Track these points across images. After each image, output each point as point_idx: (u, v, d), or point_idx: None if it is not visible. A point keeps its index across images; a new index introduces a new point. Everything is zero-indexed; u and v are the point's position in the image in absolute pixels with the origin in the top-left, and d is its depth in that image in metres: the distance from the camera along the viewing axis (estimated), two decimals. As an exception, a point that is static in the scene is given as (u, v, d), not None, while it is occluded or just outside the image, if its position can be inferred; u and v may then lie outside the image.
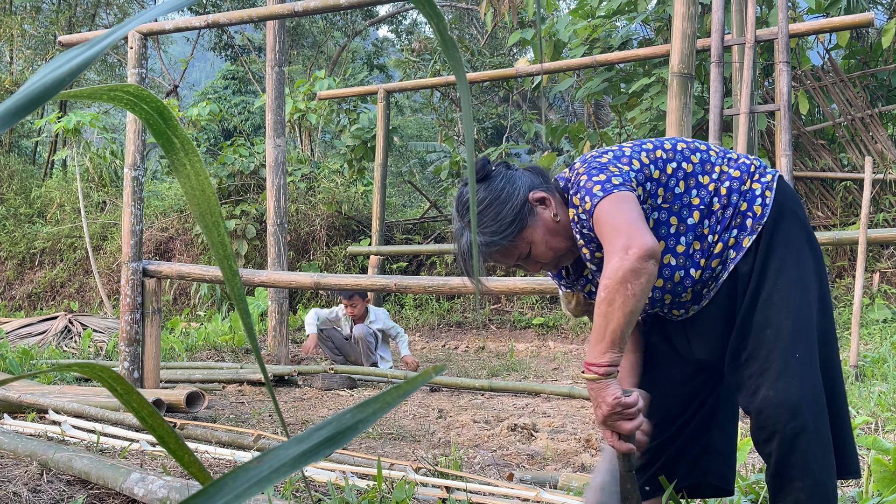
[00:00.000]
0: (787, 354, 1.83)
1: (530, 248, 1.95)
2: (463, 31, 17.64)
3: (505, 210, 1.91)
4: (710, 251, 1.90)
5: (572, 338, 8.64)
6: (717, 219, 1.90)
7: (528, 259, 1.98)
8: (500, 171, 1.97)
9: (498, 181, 1.94)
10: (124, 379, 0.62)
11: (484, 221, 1.91)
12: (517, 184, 1.95)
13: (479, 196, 1.92)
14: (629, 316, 1.73)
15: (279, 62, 7.05)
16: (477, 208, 1.88)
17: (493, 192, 1.92)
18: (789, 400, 1.80)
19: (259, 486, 0.49)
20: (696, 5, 3.98)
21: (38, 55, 15.33)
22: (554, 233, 1.95)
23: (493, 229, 1.91)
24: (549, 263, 2.00)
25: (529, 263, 2.00)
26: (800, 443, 1.79)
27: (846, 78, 8.81)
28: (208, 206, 0.65)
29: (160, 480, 2.68)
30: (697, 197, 1.91)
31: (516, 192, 1.93)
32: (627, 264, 1.71)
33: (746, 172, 1.95)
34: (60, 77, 0.54)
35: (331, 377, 5.81)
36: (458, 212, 1.99)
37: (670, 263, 1.90)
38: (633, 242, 1.72)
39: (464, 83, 0.63)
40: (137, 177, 4.94)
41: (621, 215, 1.78)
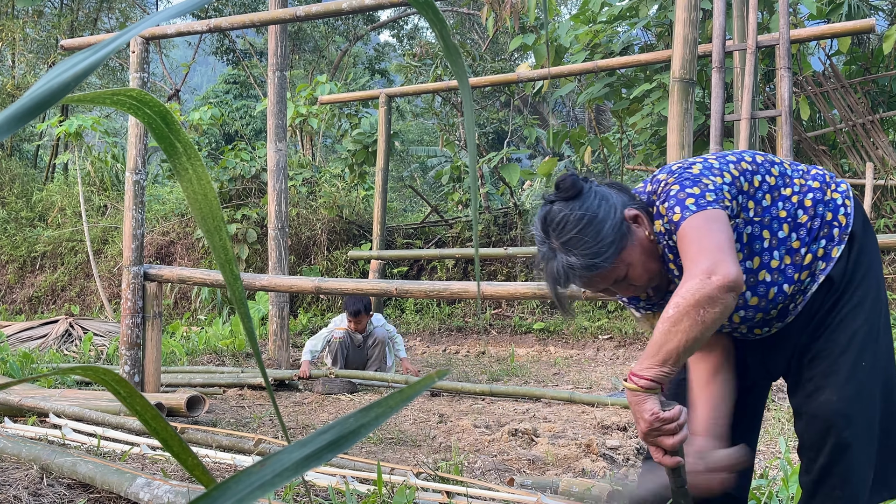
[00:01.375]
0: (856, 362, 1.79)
1: (627, 271, 1.82)
2: (464, 36, 17.66)
3: (605, 229, 1.77)
4: (801, 263, 1.84)
5: (573, 343, 8.63)
6: (806, 230, 1.84)
7: (623, 282, 1.85)
8: (590, 188, 1.83)
9: (592, 198, 1.81)
10: (127, 382, 0.62)
11: (584, 242, 1.76)
12: (612, 200, 1.82)
13: (575, 214, 1.77)
14: (691, 342, 1.64)
15: (281, 66, 7.06)
16: (574, 229, 1.76)
17: (590, 210, 1.78)
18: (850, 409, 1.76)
19: (262, 490, 0.49)
20: (698, 11, 3.98)
21: (40, 59, 15.35)
22: (649, 253, 1.84)
23: (594, 250, 1.76)
24: (641, 287, 1.89)
25: (621, 287, 1.87)
26: (850, 453, 1.76)
27: (847, 84, 8.82)
28: (210, 210, 0.65)
29: (166, 486, 2.67)
30: (784, 210, 1.85)
31: (613, 210, 1.80)
32: (706, 290, 1.61)
33: (824, 182, 1.90)
34: (66, 81, 0.54)
35: (331, 381, 5.81)
36: (546, 232, 1.82)
37: (765, 280, 1.83)
38: (717, 268, 1.63)
39: (466, 88, 0.63)
40: (139, 181, 4.95)
41: (711, 236, 1.68)
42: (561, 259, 1.79)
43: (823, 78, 9.01)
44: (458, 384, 5.63)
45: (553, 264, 1.80)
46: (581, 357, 7.82)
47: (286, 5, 7.24)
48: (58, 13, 15.57)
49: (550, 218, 1.81)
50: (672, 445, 1.70)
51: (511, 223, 10.57)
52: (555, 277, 1.81)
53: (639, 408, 1.70)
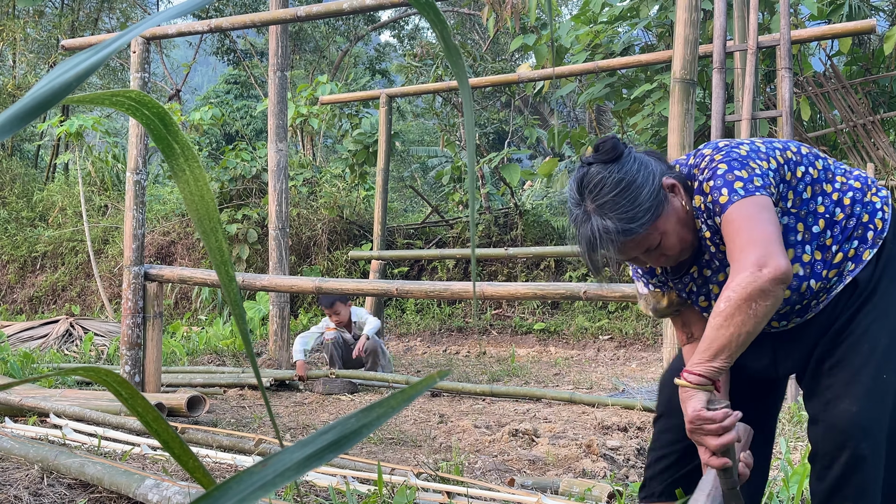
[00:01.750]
0: (877, 374, 1.76)
1: (661, 239, 1.79)
2: (465, 37, 17.66)
3: (643, 195, 1.74)
4: (831, 261, 1.81)
5: (573, 343, 8.63)
6: (841, 229, 1.81)
7: (655, 251, 1.81)
8: (630, 153, 1.80)
9: (631, 163, 1.77)
10: (129, 383, 0.62)
11: (620, 205, 1.73)
12: (651, 167, 1.79)
13: (613, 177, 1.74)
14: (744, 336, 1.62)
15: (281, 67, 7.06)
16: (611, 192, 1.73)
17: (629, 174, 1.75)
18: (868, 422, 1.73)
19: (263, 490, 0.49)
20: (699, 11, 3.98)
21: (40, 59, 15.36)
22: (684, 223, 1.81)
23: (630, 215, 1.73)
24: (673, 257, 1.85)
25: (653, 256, 1.83)
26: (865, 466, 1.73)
27: (848, 84, 8.82)
28: (207, 211, 0.65)
29: (175, 487, 2.67)
30: (822, 205, 1.82)
31: (651, 176, 1.77)
32: (759, 283, 1.59)
33: (866, 184, 1.88)
34: (67, 82, 0.54)
35: (332, 382, 5.81)
36: (581, 194, 1.77)
37: (798, 273, 1.80)
38: (769, 261, 1.60)
39: (467, 89, 0.63)
40: (140, 181, 4.95)
41: (761, 226, 1.65)
42: (595, 222, 1.75)
43: (824, 78, 9.01)
44: (459, 384, 5.63)
45: (587, 227, 1.76)
46: (581, 357, 7.82)
47: (287, 5, 7.24)
48: (59, 13, 15.58)
49: (587, 180, 1.77)
50: (715, 446, 1.66)
51: (512, 223, 10.58)
52: (589, 241, 1.77)
53: (685, 404, 1.68)
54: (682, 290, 1.97)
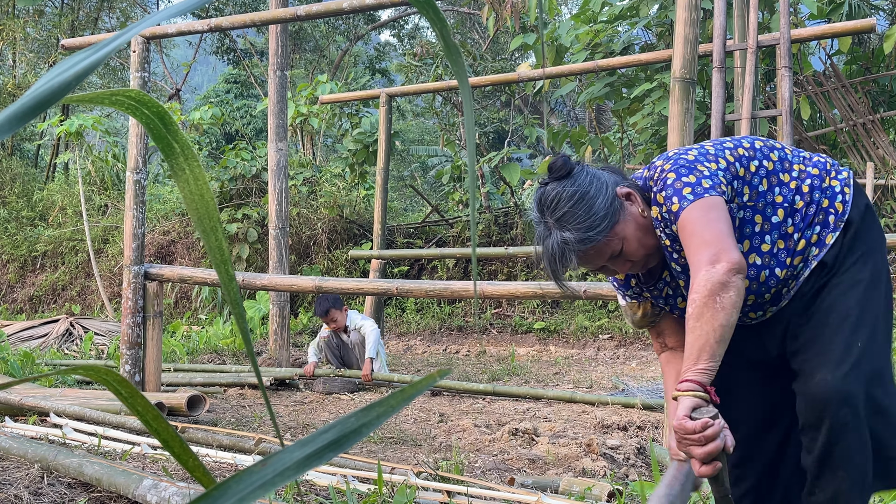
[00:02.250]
0: (850, 342, 1.79)
1: (622, 246, 1.86)
2: (465, 36, 17.66)
3: (597, 204, 1.83)
4: (794, 249, 1.87)
5: (573, 342, 8.63)
6: (801, 216, 1.87)
7: (619, 258, 1.89)
8: (582, 168, 1.89)
9: (583, 177, 1.87)
10: (129, 382, 0.62)
11: (576, 216, 1.82)
12: (603, 178, 1.88)
13: (567, 191, 1.83)
14: (720, 330, 1.66)
15: (281, 66, 7.06)
16: (567, 205, 1.82)
17: (582, 186, 1.84)
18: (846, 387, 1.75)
19: (263, 489, 0.49)
20: (698, 11, 3.98)
21: (40, 58, 15.36)
22: (644, 229, 1.88)
23: (586, 224, 1.82)
24: (638, 262, 1.92)
25: (618, 263, 1.91)
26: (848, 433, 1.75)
27: (848, 83, 8.81)
28: (206, 210, 0.65)
29: (173, 487, 2.67)
30: (780, 195, 1.88)
31: (604, 186, 1.86)
32: (715, 277, 1.66)
33: (824, 170, 1.93)
34: (67, 81, 0.54)
35: (332, 381, 5.81)
36: (542, 212, 1.88)
37: (756, 263, 1.86)
38: (721, 256, 1.68)
39: (467, 88, 0.63)
40: (140, 180, 4.95)
41: (710, 226, 1.73)
42: (556, 236, 1.84)
43: (824, 77, 9.00)
44: (460, 383, 5.63)
45: (549, 241, 1.86)
46: (581, 356, 7.82)
47: (287, 5, 7.24)
48: (58, 12, 15.58)
49: (544, 197, 1.87)
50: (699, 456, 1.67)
51: (511, 223, 10.58)
52: (551, 255, 1.85)
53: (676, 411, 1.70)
54: (658, 297, 2.02)
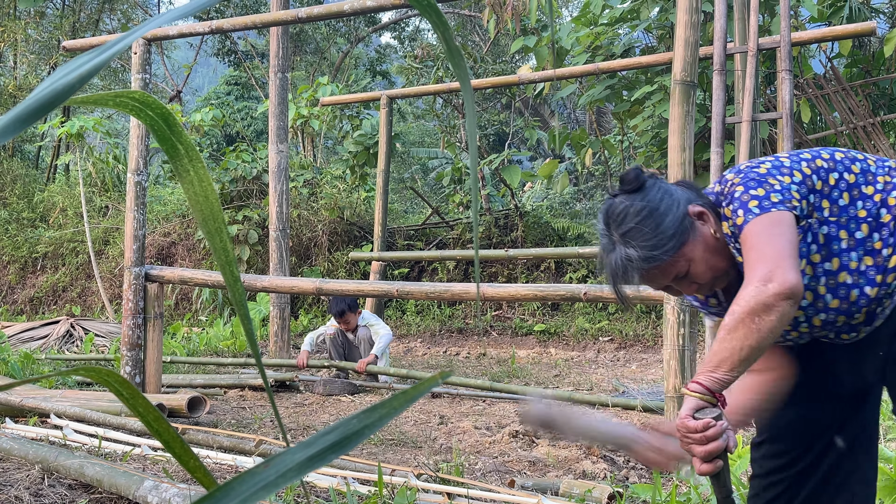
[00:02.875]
0: None
1: (689, 267, 1.78)
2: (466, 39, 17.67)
3: (666, 222, 1.74)
4: (885, 265, 1.75)
5: (574, 345, 8.63)
6: (890, 230, 1.75)
7: (684, 279, 1.80)
8: (654, 182, 1.81)
9: (654, 192, 1.78)
10: (130, 384, 0.62)
11: (643, 233, 1.74)
12: (675, 195, 1.79)
13: (635, 206, 1.76)
14: (747, 351, 1.61)
15: (282, 68, 7.07)
16: (634, 220, 1.75)
17: (652, 202, 1.76)
18: None
19: (265, 490, 0.49)
20: (699, 14, 3.98)
21: (41, 60, 15.37)
22: (714, 251, 1.79)
23: (652, 243, 1.73)
24: (705, 285, 1.83)
25: (683, 284, 1.82)
26: None
27: (848, 86, 8.82)
28: (211, 211, 0.66)
29: (174, 489, 2.67)
30: (864, 209, 1.77)
31: (675, 204, 1.77)
32: (762, 297, 1.58)
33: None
34: (70, 83, 0.55)
35: (332, 383, 5.81)
36: (608, 224, 1.79)
37: (845, 282, 1.76)
38: (775, 276, 1.59)
39: (469, 91, 0.63)
40: (140, 181, 4.95)
41: (772, 241, 1.65)
42: (620, 251, 1.76)
43: (824, 80, 9.01)
44: (461, 379, 5.64)
45: (612, 256, 1.77)
46: (582, 359, 7.82)
47: (288, 7, 7.25)
48: (60, 14, 15.59)
49: (612, 210, 1.79)
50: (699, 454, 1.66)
51: (512, 225, 10.58)
52: (613, 270, 1.78)
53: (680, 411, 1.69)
54: None
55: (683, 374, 3.84)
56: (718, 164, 4.75)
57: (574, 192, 15.82)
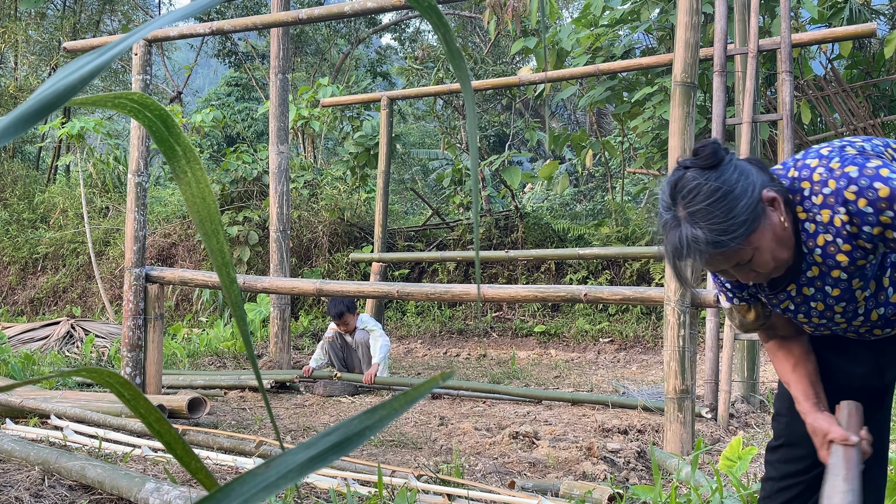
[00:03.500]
0: None
1: (753, 255, 1.68)
2: (466, 40, 17.68)
3: (739, 207, 1.63)
4: None
5: (574, 346, 8.63)
6: None
7: (745, 266, 1.71)
8: (731, 160, 1.69)
9: (731, 171, 1.66)
10: (131, 384, 0.62)
11: (713, 216, 1.62)
12: (752, 178, 1.67)
13: (709, 185, 1.64)
14: None
15: (283, 69, 7.07)
16: (706, 201, 1.63)
17: (727, 183, 1.64)
18: None
19: (266, 491, 0.49)
20: (699, 15, 3.98)
21: (42, 61, 15.37)
22: (780, 240, 1.69)
23: (723, 227, 1.62)
24: (764, 275, 1.75)
25: (742, 271, 1.73)
26: None
27: (848, 88, 8.82)
28: (208, 213, 0.66)
29: (175, 490, 2.67)
30: None
31: (751, 188, 1.65)
32: None
33: None
34: (72, 84, 0.55)
35: (332, 384, 5.81)
36: (674, 199, 1.67)
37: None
38: None
39: (469, 93, 0.63)
40: (141, 183, 4.96)
41: None
42: (685, 230, 1.65)
43: (825, 82, 9.01)
44: (461, 382, 5.64)
45: (675, 234, 1.66)
46: (582, 360, 7.82)
47: (288, 8, 7.25)
48: (60, 15, 15.60)
49: (682, 185, 1.67)
50: None
51: (512, 226, 10.58)
52: (676, 248, 1.67)
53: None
54: (776, 306, 1.89)
55: (683, 376, 3.84)
56: (719, 166, 4.75)
57: (574, 193, 15.83)
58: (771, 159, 8.56)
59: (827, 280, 1.76)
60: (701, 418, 4.43)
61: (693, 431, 3.86)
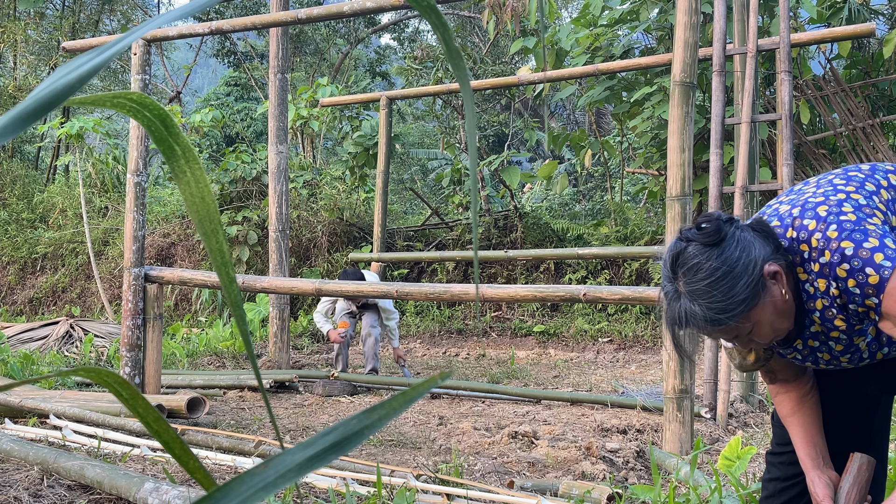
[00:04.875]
0: None
1: (752, 329, 1.70)
2: (465, 39, 17.68)
3: (739, 286, 1.63)
4: None
5: (573, 346, 8.63)
6: None
7: (745, 337, 1.73)
8: (734, 234, 1.68)
9: (732, 248, 1.65)
10: (130, 384, 0.62)
11: (712, 296, 1.63)
12: (753, 254, 1.66)
13: (710, 264, 1.64)
14: None
15: (282, 69, 7.07)
16: (706, 280, 1.64)
17: (728, 262, 1.64)
18: None
19: (265, 491, 0.49)
20: (698, 15, 3.99)
21: (41, 61, 15.36)
22: (780, 313, 1.70)
23: (721, 306, 1.63)
24: (763, 344, 1.77)
25: (742, 342, 1.76)
26: None
27: (847, 87, 8.82)
28: (207, 213, 0.66)
29: (174, 490, 2.67)
30: None
31: (752, 265, 1.65)
32: None
33: None
34: (70, 83, 0.55)
35: (332, 384, 5.81)
36: (674, 273, 1.69)
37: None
38: None
39: (468, 93, 0.63)
40: (140, 182, 4.95)
41: None
42: (684, 304, 1.67)
43: (824, 82, 9.01)
44: (460, 382, 5.64)
45: (675, 307, 1.69)
46: (581, 360, 7.82)
47: (287, 8, 7.25)
48: (59, 15, 15.59)
49: (682, 260, 1.69)
50: None
51: (511, 226, 10.58)
52: (674, 320, 1.70)
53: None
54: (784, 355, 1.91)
55: (682, 376, 3.84)
56: (718, 165, 4.75)
57: (573, 193, 15.83)
58: (770, 159, 8.56)
59: (829, 338, 1.79)
60: (700, 418, 4.43)
61: (692, 431, 3.86)
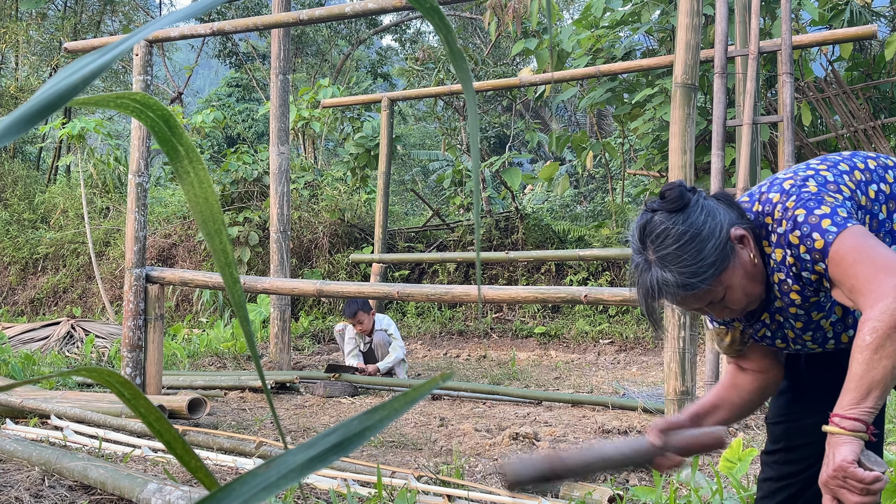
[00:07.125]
0: None
1: (725, 294, 1.71)
2: (467, 41, 17.68)
3: (707, 248, 1.66)
4: None
5: (574, 347, 8.63)
6: None
7: (718, 304, 1.74)
8: (698, 201, 1.71)
9: (697, 213, 1.69)
10: (132, 384, 0.62)
11: (682, 260, 1.65)
12: (718, 218, 1.70)
13: (677, 229, 1.67)
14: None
15: (283, 70, 7.07)
16: (674, 245, 1.66)
17: (694, 226, 1.67)
18: None
19: (267, 491, 0.49)
20: (700, 17, 3.99)
21: (43, 61, 15.38)
22: (751, 277, 1.72)
23: (691, 270, 1.65)
24: (737, 311, 1.78)
25: (716, 309, 1.77)
26: None
27: (849, 89, 8.82)
28: (211, 213, 0.66)
29: (178, 491, 2.67)
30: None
31: (718, 228, 1.68)
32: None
33: None
34: (74, 84, 0.55)
35: (332, 384, 5.81)
36: (643, 243, 1.71)
37: None
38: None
39: (472, 94, 0.63)
40: (141, 183, 4.96)
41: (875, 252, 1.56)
42: (655, 273, 1.69)
43: (825, 84, 9.01)
44: (461, 383, 5.64)
45: (646, 277, 1.70)
46: (582, 361, 7.82)
47: (289, 9, 7.25)
48: (61, 16, 15.60)
49: (650, 229, 1.71)
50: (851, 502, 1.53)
51: (512, 227, 10.58)
52: (647, 291, 1.71)
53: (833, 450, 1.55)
54: (754, 335, 1.91)
55: (684, 377, 3.84)
56: (719, 167, 4.75)
57: (575, 194, 15.83)
58: (771, 161, 8.56)
59: (787, 314, 1.80)
60: (701, 420, 4.42)
61: (693, 433, 3.86)
